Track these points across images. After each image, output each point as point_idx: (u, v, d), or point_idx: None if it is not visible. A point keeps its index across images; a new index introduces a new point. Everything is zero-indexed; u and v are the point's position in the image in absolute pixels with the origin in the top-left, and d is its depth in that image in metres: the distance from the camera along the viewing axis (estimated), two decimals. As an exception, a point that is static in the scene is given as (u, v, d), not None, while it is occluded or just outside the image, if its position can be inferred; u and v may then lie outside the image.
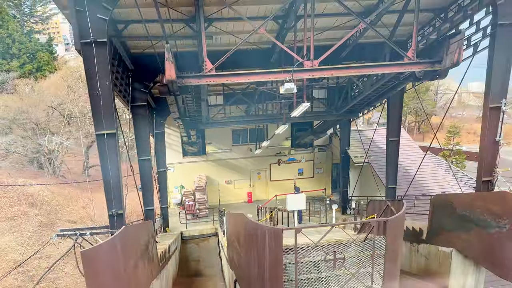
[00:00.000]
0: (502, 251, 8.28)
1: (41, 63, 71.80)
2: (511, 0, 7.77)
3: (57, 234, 8.67)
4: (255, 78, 8.21)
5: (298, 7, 8.77)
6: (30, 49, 72.51)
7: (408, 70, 8.24)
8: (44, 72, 71.30)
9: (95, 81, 7.44)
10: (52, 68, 73.48)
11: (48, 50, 76.28)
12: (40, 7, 76.23)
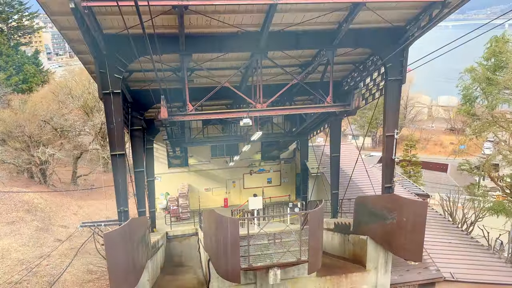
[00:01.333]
0: (393, 235, 11.93)
1: (27, 75, 73.92)
2: (395, 65, 11.52)
3: (81, 225, 11.88)
4: (223, 116, 11.74)
5: (253, 66, 12.37)
6: (17, 62, 74.64)
7: (327, 110, 11.91)
8: (31, 84, 73.44)
9: (111, 118, 10.77)
10: (38, 80, 75.66)
11: (34, 63, 78.51)
12: (27, 21, 78.51)
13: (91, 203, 38.14)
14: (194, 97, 13.82)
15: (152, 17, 7.74)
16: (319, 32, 10.97)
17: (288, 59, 12.81)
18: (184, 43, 10.33)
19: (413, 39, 11.19)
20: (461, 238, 19.81)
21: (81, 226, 12.16)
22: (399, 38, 11.14)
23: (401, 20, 10.87)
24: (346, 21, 10.17)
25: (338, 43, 11.03)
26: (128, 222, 10.54)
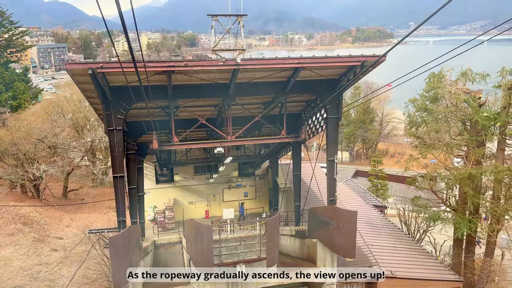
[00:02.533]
0: (334, 238, 15.29)
1: (17, 92, 76.24)
2: (333, 106, 15.02)
3: (88, 232, 14.92)
4: (201, 145, 15.04)
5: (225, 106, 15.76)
6: (7, 79, 76.88)
7: (282, 141, 15.32)
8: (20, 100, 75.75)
9: (114, 147, 13.97)
10: (27, 97, 77.99)
11: (24, 80, 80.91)
12: (18, 40, 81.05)
13: (82, 216, 40.74)
14: (179, 127, 17.21)
15: (147, 77, 11.11)
16: (274, 82, 14.44)
17: (254, 99, 16.25)
18: (171, 92, 13.67)
19: (345, 88, 14.75)
20: (406, 244, 23.29)
21: (89, 232, 15.23)
22: (335, 87, 14.66)
23: (334, 75, 14.42)
24: (293, 76, 13.67)
25: (289, 91, 14.50)
26: (126, 229, 13.68)
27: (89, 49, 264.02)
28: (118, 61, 11.44)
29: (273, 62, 12.49)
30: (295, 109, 18.05)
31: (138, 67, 8.78)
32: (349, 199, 27.97)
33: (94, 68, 11.43)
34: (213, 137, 17.12)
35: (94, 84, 12.19)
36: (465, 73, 23.67)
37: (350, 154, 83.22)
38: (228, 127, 15.26)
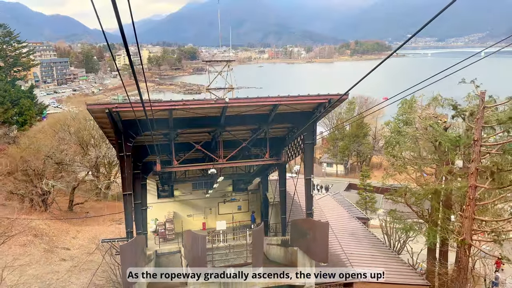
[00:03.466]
0: (310, 246, 17.89)
1: (23, 109, 79.23)
2: (308, 133, 17.78)
3: (102, 241, 17.53)
4: (198, 167, 17.77)
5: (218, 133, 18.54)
6: (13, 96, 79.97)
7: (266, 163, 18.05)
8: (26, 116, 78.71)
9: (124, 170, 16.68)
10: (33, 113, 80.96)
11: (29, 97, 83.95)
12: (24, 59, 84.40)
13: (87, 229, 43.25)
14: (179, 149, 19.92)
15: (152, 113, 13.87)
16: (258, 115, 17.22)
17: (242, 127, 19.03)
18: (172, 123, 16.44)
19: (319, 118, 17.53)
20: (383, 252, 25.82)
21: (102, 241, 17.85)
22: (309, 117, 17.43)
23: (308, 108, 17.22)
24: (273, 110, 16.46)
25: (271, 121, 17.29)
26: (134, 238, 16.35)
27: (90, 63, 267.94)
28: (129, 101, 14.21)
29: (256, 100, 15.29)
30: (279, 133, 20.81)
31: (146, 107, 11.53)
32: (334, 211, 30.61)
33: (110, 108, 14.22)
34: (209, 157, 19.81)
35: (109, 119, 14.97)
36: (436, 98, 26.57)
37: (345, 167, 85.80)
38: (219, 150, 18.01)
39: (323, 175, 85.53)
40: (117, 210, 47.13)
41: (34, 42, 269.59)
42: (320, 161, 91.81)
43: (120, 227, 43.00)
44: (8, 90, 79.31)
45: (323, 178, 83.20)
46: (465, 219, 16.42)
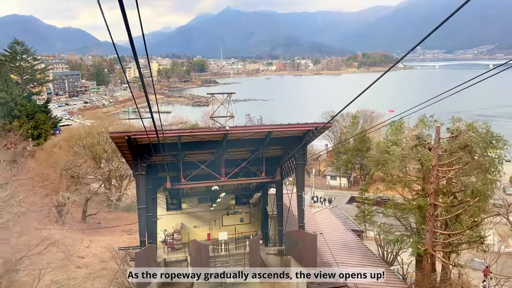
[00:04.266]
0: (301, 255, 20.24)
1: (39, 123, 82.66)
2: (300, 155, 20.25)
3: (119, 249, 20.04)
4: (203, 184, 20.33)
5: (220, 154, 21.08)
6: (29, 110, 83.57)
7: (263, 181, 20.53)
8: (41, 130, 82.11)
9: (139, 187, 19.26)
10: (47, 127, 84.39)
11: (45, 111, 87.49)
12: (40, 75, 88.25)
13: (100, 238, 45.83)
14: (186, 167, 22.44)
15: (164, 139, 16.47)
16: (256, 139, 19.77)
17: (242, 149, 21.57)
18: (180, 146, 19.04)
19: (308, 142, 20.01)
20: (372, 262, 27.95)
21: (119, 249, 20.37)
22: (301, 141, 19.94)
23: (299, 133, 19.74)
24: (268, 136, 19.00)
25: (266, 144, 19.81)
26: (147, 247, 18.87)
27: (101, 76, 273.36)
28: (144, 130, 16.85)
29: (252, 128, 17.90)
30: (275, 154, 23.30)
31: (159, 134, 14.11)
32: (329, 224, 32.85)
33: (129, 135, 16.86)
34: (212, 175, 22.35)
35: (127, 145, 17.60)
36: (422, 120, 28.98)
37: (348, 180, 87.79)
38: (222, 169, 20.55)
39: (327, 187, 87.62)
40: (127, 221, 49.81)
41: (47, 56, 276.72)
42: (324, 174, 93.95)
43: (130, 237, 45.59)
44: (24, 105, 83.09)
45: (327, 191, 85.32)
46: (427, 232, 18.69)
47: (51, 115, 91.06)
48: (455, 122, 28.55)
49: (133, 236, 45.83)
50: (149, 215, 24.14)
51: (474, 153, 25.73)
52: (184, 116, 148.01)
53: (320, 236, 27.54)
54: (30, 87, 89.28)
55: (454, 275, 30.23)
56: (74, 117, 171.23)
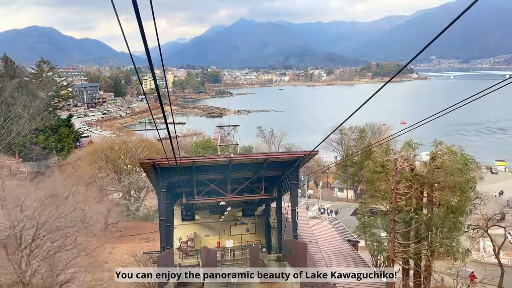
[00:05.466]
0: (294, 261, 24.12)
1: (62, 136, 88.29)
2: (293, 176, 24.28)
3: (143, 253, 24.25)
4: (212, 200, 24.51)
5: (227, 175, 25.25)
6: (54, 124, 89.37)
7: (262, 198, 24.60)
8: (64, 143, 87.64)
9: (160, 202, 23.51)
10: (70, 140, 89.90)
11: (68, 125, 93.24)
12: (64, 91, 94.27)
13: (120, 245, 50.25)
14: (199, 185, 26.62)
15: (181, 164, 20.70)
16: (256, 163, 23.89)
17: (246, 170, 25.72)
18: (194, 169, 23.28)
19: (299, 166, 24.04)
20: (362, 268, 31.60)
21: (144, 253, 24.54)
22: (293, 165, 23.98)
23: (292, 159, 23.79)
24: (266, 161, 23.11)
25: (265, 167, 23.90)
26: (166, 251, 23.03)
27: (118, 87, 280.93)
28: (166, 157, 21.08)
29: (252, 156, 22.08)
30: (274, 174, 27.39)
31: (177, 161, 18.33)
32: (326, 234, 36.62)
33: (154, 162, 21.16)
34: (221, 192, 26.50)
35: (152, 168, 21.90)
36: (409, 143, 32.83)
37: (355, 192, 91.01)
38: (228, 187, 24.74)
39: (334, 199, 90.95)
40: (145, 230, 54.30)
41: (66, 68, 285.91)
42: (332, 186, 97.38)
43: (148, 244, 49.92)
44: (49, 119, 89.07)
45: (334, 203, 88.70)
46: (389, 242, 22.44)
47: (73, 129, 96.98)
48: (437, 145, 32.33)
49: (151, 243, 50.19)
50: (167, 225, 28.43)
51: (449, 174, 29.39)
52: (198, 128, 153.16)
53: (315, 245, 31.53)
54: (54, 102, 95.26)
55: (437, 281, 33.78)
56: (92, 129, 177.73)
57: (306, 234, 33.45)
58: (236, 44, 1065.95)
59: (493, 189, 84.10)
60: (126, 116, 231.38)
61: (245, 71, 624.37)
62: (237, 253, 28.67)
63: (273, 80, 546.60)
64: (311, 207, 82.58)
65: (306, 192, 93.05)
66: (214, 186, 24.07)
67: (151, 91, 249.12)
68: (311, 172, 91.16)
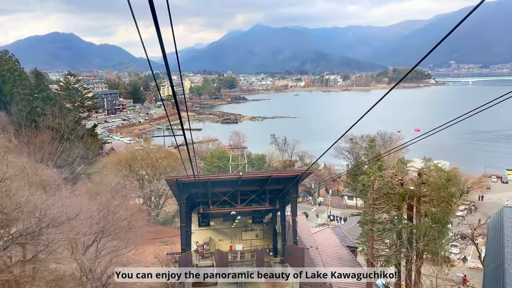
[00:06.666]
0: (293, 263, 28.34)
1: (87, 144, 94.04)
2: (294, 190, 28.58)
3: (167, 254, 28.82)
4: (224, 210, 29.01)
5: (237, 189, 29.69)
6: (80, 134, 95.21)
7: (267, 208, 28.96)
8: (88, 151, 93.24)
9: (182, 211, 28.08)
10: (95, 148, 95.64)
11: (92, 134, 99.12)
12: (89, 102, 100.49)
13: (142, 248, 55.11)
14: (214, 195, 31.10)
15: (200, 180, 25.25)
16: (262, 179, 28.27)
17: (253, 185, 30.12)
18: (209, 185, 27.79)
19: (298, 182, 28.31)
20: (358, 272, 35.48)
21: (167, 254, 29.12)
22: (294, 179, 28.25)
23: (292, 176, 28.09)
24: (269, 178, 27.49)
25: (269, 183, 28.26)
26: (186, 253, 27.56)
27: (137, 94, 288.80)
28: (187, 175, 25.59)
29: (258, 174, 26.44)
30: (277, 187, 31.72)
31: (196, 178, 22.88)
32: (327, 240, 40.65)
33: (177, 179, 25.76)
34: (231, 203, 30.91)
35: (175, 183, 26.49)
36: (401, 160, 36.81)
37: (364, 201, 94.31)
38: (238, 199, 29.21)
39: (344, 207, 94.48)
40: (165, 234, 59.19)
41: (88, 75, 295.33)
42: (342, 194, 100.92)
43: (167, 247, 54.65)
44: (75, 129, 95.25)
45: (344, 210, 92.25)
46: (369, 247, 26.49)
47: (97, 137, 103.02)
48: (426, 161, 36.25)
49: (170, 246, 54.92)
50: (186, 230, 33.03)
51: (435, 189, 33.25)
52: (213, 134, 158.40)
53: (315, 250, 35.70)
54: (79, 112, 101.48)
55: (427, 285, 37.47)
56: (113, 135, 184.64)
57: (307, 240, 37.61)
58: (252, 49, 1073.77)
59: (503, 198, 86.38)
60: (145, 122, 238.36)
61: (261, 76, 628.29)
62: (246, 256, 33.00)
63: (288, 86, 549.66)
64: (321, 214, 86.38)
65: (317, 199, 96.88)
66: (226, 198, 28.49)
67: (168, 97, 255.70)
68: (322, 181, 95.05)
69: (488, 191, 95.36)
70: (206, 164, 75.84)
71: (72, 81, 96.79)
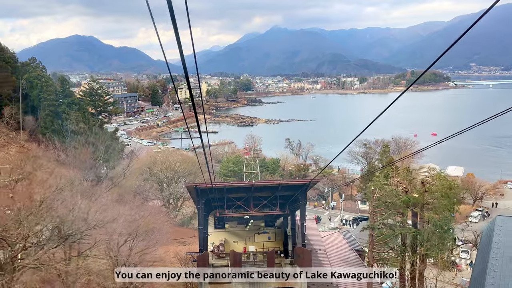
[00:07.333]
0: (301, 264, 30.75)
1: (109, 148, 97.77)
2: (302, 196, 31.05)
3: (187, 253, 31.62)
4: (238, 214, 31.67)
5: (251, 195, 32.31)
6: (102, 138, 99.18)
7: (278, 213, 31.50)
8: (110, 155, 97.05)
9: (200, 214, 30.86)
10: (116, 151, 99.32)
11: (114, 138, 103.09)
12: (111, 107, 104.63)
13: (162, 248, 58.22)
14: (229, 201, 33.74)
15: (216, 187, 27.97)
16: (273, 186, 30.83)
17: (265, 192, 32.66)
18: (225, 191, 30.48)
19: (306, 189, 30.76)
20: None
21: (187, 254, 31.93)
22: (303, 187, 30.70)
23: (301, 184, 30.55)
24: (280, 185, 30.02)
25: (279, 190, 30.79)
26: (204, 253, 30.29)
27: (155, 97, 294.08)
28: (204, 182, 28.30)
29: (269, 182, 29.02)
30: (287, 194, 34.19)
31: (213, 185, 25.58)
32: (336, 244, 42.88)
33: (196, 186, 28.53)
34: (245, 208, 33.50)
35: (194, 190, 29.26)
36: (406, 168, 38.87)
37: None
38: (251, 204, 31.83)
39: (357, 211, 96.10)
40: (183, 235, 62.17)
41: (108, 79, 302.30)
42: (355, 199, 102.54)
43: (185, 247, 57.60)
44: (98, 133, 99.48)
45: (357, 214, 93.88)
46: (370, 251, 28.73)
47: (118, 140, 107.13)
48: (430, 170, 38.23)
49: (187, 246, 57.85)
50: (204, 231, 35.80)
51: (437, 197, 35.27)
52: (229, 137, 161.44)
53: (323, 253, 38.05)
54: (102, 116, 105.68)
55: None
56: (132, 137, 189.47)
57: (316, 243, 39.96)
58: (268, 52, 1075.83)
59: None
60: (163, 125, 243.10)
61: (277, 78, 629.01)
62: (259, 257, 35.58)
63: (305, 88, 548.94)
64: (334, 218, 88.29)
65: (330, 203, 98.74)
66: (240, 203, 31.13)
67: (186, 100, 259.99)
68: (335, 186, 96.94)
69: (502, 198, 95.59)
70: (222, 168, 78.69)
71: (95, 87, 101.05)
